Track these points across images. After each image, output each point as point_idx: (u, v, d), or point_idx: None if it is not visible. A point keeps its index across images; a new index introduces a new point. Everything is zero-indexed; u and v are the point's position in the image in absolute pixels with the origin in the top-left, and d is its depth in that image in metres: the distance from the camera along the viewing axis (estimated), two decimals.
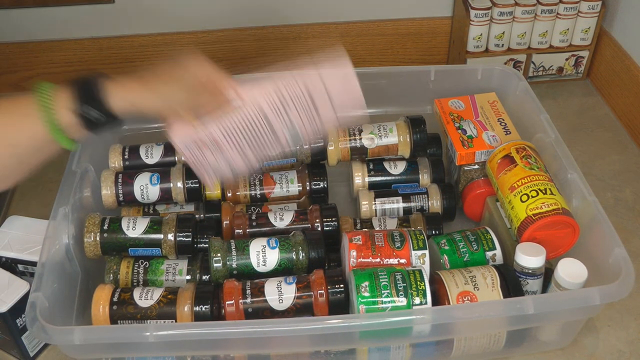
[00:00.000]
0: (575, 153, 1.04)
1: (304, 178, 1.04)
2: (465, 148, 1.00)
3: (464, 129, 1.03)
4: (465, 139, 1.01)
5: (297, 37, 1.39)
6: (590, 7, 1.31)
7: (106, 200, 0.99)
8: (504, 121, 1.04)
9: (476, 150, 1.00)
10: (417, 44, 1.43)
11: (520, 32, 1.33)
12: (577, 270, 0.82)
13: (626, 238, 1.04)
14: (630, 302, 0.96)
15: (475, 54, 1.35)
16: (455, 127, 1.03)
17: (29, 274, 0.93)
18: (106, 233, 0.91)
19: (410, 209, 1.03)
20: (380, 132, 1.04)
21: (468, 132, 1.02)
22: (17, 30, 1.32)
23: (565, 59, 1.38)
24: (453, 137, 1.02)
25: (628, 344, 0.92)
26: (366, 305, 0.80)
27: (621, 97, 1.31)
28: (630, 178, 1.18)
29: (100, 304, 0.83)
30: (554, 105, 1.36)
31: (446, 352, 0.87)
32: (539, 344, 0.90)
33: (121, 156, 1.03)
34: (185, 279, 0.91)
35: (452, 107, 1.07)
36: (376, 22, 1.40)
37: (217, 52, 1.39)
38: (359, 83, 0.85)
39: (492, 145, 1.00)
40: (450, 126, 1.04)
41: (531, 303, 0.76)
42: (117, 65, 1.38)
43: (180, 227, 0.92)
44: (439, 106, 1.07)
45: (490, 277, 0.82)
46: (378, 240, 0.88)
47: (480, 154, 1.01)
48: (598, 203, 0.88)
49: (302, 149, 1.02)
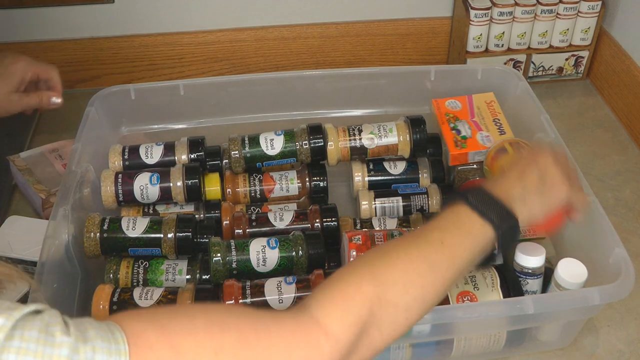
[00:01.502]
0: (575, 153, 1.04)
1: (304, 178, 1.04)
2: (458, 148, 1.01)
3: (458, 129, 1.03)
4: (458, 139, 1.02)
5: (297, 37, 1.39)
6: (590, 7, 1.31)
7: (106, 200, 0.99)
8: (499, 121, 1.04)
9: (469, 150, 1.01)
10: (417, 44, 1.43)
11: (520, 32, 1.33)
12: (577, 270, 0.82)
13: (626, 238, 1.04)
14: (630, 302, 0.96)
15: (475, 54, 1.35)
16: (449, 128, 1.04)
17: (29, 274, 0.93)
18: (106, 233, 0.91)
19: (410, 209, 1.03)
20: (380, 132, 1.04)
21: (462, 133, 1.03)
22: (17, 30, 1.32)
23: (565, 59, 1.38)
24: (447, 138, 1.02)
25: (628, 344, 0.92)
26: None
27: (621, 97, 1.31)
28: (630, 178, 1.18)
29: (100, 304, 0.83)
30: (554, 105, 1.36)
31: (446, 352, 0.87)
32: (539, 344, 0.90)
33: (121, 156, 1.03)
34: (185, 279, 0.91)
35: (448, 107, 1.07)
36: (376, 22, 1.40)
37: (217, 52, 1.39)
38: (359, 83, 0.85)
39: (485, 145, 1.00)
40: (445, 126, 1.04)
41: (531, 303, 0.76)
42: (117, 65, 1.38)
43: (180, 227, 0.92)
44: (436, 106, 1.07)
45: (490, 277, 0.82)
46: (378, 240, 0.88)
47: (473, 154, 1.01)
48: (598, 203, 0.88)
49: (302, 149, 1.02)
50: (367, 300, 0.57)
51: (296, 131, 1.04)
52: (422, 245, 0.63)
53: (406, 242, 0.65)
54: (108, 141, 1.07)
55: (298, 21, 1.38)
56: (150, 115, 1.13)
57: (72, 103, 1.31)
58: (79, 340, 0.44)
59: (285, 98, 1.14)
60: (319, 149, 1.03)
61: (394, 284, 0.59)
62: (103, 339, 0.46)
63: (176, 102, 1.11)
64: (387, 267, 0.60)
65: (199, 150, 1.04)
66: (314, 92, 1.14)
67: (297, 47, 1.40)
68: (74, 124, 1.03)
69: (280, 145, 1.02)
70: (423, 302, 0.61)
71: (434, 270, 0.62)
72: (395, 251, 0.63)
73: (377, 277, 0.59)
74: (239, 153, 1.02)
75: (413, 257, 0.62)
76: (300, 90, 1.14)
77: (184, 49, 1.38)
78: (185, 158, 1.03)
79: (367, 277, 0.58)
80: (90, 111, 1.04)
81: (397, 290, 0.59)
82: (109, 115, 1.09)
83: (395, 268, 0.60)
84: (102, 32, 1.35)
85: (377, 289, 0.58)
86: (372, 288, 0.57)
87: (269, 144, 1.03)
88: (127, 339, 0.46)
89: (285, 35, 1.39)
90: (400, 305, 0.59)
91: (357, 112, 1.16)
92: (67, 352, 0.43)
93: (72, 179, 0.93)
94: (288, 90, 1.14)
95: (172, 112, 1.14)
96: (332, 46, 1.41)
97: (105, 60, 1.37)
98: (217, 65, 1.41)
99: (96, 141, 1.03)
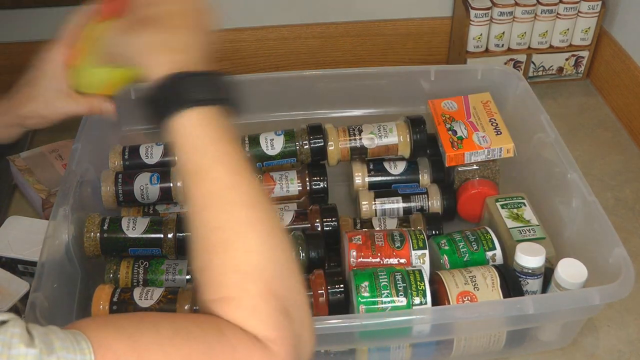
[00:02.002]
0: (575, 153, 1.04)
1: (304, 178, 1.04)
2: (454, 149, 1.01)
3: (454, 130, 1.03)
4: (455, 140, 1.02)
5: (297, 37, 1.39)
6: (590, 7, 1.31)
7: (106, 200, 0.99)
8: (495, 121, 1.04)
9: (465, 151, 1.01)
10: (417, 44, 1.43)
11: (520, 32, 1.33)
12: (577, 270, 0.82)
13: (626, 238, 1.04)
14: (630, 302, 0.96)
15: (475, 54, 1.35)
16: (446, 128, 1.04)
17: (29, 274, 0.93)
18: (106, 233, 0.91)
19: (410, 209, 1.03)
20: (380, 132, 1.04)
21: (458, 133, 1.03)
22: (17, 30, 1.32)
23: (565, 59, 1.38)
24: (443, 138, 1.03)
25: (628, 344, 0.92)
26: (366, 305, 0.80)
27: (621, 97, 1.31)
28: (630, 178, 1.18)
29: (100, 304, 0.83)
30: (554, 105, 1.36)
31: (446, 352, 0.87)
32: (539, 344, 0.90)
33: (121, 156, 1.03)
34: (185, 279, 0.91)
35: (444, 108, 1.07)
36: (376, 22, 1.39)
37: (217, 52, 1.39)
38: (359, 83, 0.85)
39: (481, 146, 1.00)
40: (442, 127, 1.04)
41: (531, 303, 0.76)
42: None
43: (180, 227, 0.92)
44: (432, 107, 1.08)
45: (490, 277, 0.82)
46: (378, 240, 0.88)
47: (469, 155, 1.01)
48: (598, 203, 0.88)
49: (302, 149, 1.02)
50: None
51: (296, 131, 1.04)
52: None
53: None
54: (108, 141, 1.07)
55: (298, 21, 1.38)
56: None
57: None
58: (43, 352, 0.43)
59: (285, 98, 1.14)
60: (319, 149, 1.03)
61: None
62: (68, 350, 0.44)
63: None
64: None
65: None
66: (314, 92, 1.14)
67: (297, 47, 1.40)
68: (74, 124, 1.02)
69: (280, 145, 1.02)
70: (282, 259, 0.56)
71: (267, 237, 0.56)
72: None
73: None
74: None
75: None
76: (300, 90, 1.14)
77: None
78: None
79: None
80: None
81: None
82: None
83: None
84: None
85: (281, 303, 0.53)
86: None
87: (269, 144, 1.03)
88: (93, 350, 0.45)
89: (285, 35, 1.38)
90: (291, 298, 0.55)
91: (357, 112, 1.16)
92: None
93: (72, 179, 0.93)
94: (288, 90, 1.14)
95: None
96: (332, 46, 1.41)
97: None
98: (217, 65, 1.41)
99: (96, 141, 1.03)
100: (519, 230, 0.93)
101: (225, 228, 0.55)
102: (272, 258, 0.55)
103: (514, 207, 0.97)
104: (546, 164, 0.99)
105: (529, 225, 0.94)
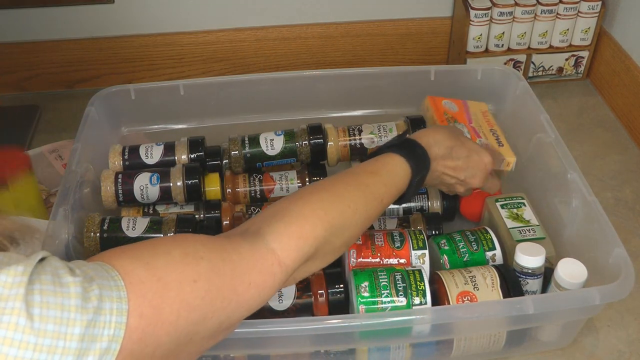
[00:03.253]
0: (575, 153, 1.04)
1: (304, 178, 1.04)
2: None
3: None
4: None
5: (297, 37, 1.39)
6: (590, 7, 1.31)
7: (106, 200, 0.99)
8: (496, 132, 1.02)
9: None
10: (417, 44, 1.43)
11: (520, 32, 1.33)
12: (577, 270, 0.82)
13: (626, 238, 1.04)
14: (630, 302, 0.96)
15: (475, 54, 1.36)
16: None
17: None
18: (106, 233, 0.91)
19: (410, 209, 1.03)
20: (380, 132, 1.04)
21: None
22: (17, 30, 1.32)
23: (565, 59, 1.38)
24: None
25: (628, 344, 0.92)
26: (366, 305, 0.80)
27: (621, 97, 1.31)
28: (630, 178, 1.18)
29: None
30: (554, 105, 1.36)
31: (446, 352, 0.87)
32: (539, 344, 0.90)
33: (121, 156, 1.03)
34: None
35: (445, 107, 1.07)
36: (376, 22, 1.40)
37: (217, 52, 1.39)
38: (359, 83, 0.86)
39: None
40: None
41: (531, 303, 0.76)
42: (117, 65, 1.38)
43: (180, 227, 0.92)
44: (432, 103, 1.05)
45: (490, 277, 0.82)
46: (378, 240, 0.88)
47: None
48: (598, 203, 0.88)
49: (302, 149, 1.02)
50: (317, 241, 0.66)
51: (296, 131, 1.04)
52: (369, 198, 0.74)
53: (353, 189, 0.73)
54: (108, 141, 1.07)
55: (298, 21, 1.38)
56: (150, 115, 1.13)
57: (72, 103, 1.31)
58: (85, 280, 0.49)
59: (286, 98, 1.14)
60: (319, 149, 1.03)
61: (341, 232, 0.70)
62: (103, 277, 0.50)
63: (176, 102, 1.11)
64: (339, 216, 0.69)
65: (199, 150, 1.04)
66: (314, 92, 1.14)
67: (297, 47, 1.40)
68: (74, 124, 1.03)
69: (280, 145, 1.03)
70: (353, 240, 0.76)
71: (369, 217, 0.74)
72: (347, 198, 0.71)
73: (331, 225, 0.68)
74: (239, 153, 1.02)
75: (360, 208, 0.72)
76: (300, 91, 1.14)
77: (184, 49, 1.38)
78: (185, 158, 1.03)
79: (322, 222, 0.67)
80: (90, 111, 1.04)
81: (341, 235, 0.70)
82: (109, 115, 1.09)
83: (344, 216, 0.70)
84: (102, 32, 1.35)
85: (327, 233, 0.67)
86: (323, 233, 0.67)
87: (269, 144, 1.03)
88: (121, 276, 0.51)
89: (285, 35, 1.39)
90: (338, 246, 0.71)
91: (357, 112, 1.16)
92: (80, 290, 0.47)
93: (72, 179, 0.93)
94: (288, 91, 1.14)
95: (172, 112, 1.14)
96: (332, 46, 1.41)
97: (105, 60, 1.37)
98: (217, 65, 1.41)
99: (96, 141, 1.03)
100: (518, 230, 0.93)
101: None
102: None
103: (513, 207, 0.97)
104: (546, 164, 0.99)
105: (528, 225, 0.94)
